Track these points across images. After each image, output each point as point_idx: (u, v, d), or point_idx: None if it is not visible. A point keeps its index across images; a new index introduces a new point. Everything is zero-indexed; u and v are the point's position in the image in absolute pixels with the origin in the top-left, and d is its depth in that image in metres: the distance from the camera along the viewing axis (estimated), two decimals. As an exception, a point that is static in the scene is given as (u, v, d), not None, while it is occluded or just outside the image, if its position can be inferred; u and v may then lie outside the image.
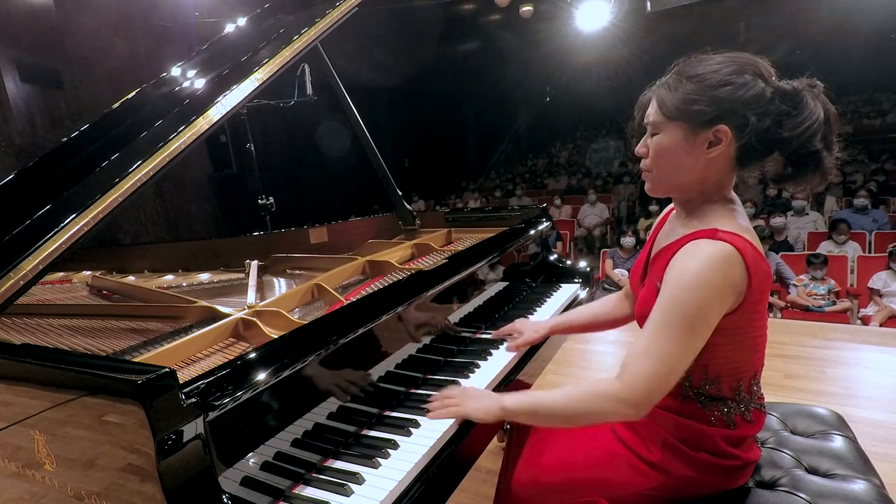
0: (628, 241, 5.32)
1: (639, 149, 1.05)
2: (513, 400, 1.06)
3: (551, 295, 1.93)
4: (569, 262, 2.19)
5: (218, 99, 1.37)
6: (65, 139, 1.28)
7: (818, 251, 4.64)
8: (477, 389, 1.19)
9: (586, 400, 0.98)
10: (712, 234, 0.92)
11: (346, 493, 0.90)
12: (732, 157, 0.96)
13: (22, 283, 1.02)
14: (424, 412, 1.13)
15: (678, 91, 0.95)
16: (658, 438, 1.06)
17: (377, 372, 1.17)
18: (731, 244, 0.90)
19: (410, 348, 1.29)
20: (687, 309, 0.90)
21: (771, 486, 1.11)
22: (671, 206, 1.14)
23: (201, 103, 1.36)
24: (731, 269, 0.89)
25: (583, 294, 1.98)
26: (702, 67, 0.95)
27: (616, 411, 0.95)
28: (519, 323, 1.51)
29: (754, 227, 1.04)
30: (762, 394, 1.09)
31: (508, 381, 1.35)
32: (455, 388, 1.19)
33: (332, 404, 1.04)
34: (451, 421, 1.09)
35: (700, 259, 0.90)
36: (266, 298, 1.46)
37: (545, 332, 1.47)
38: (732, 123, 0.92)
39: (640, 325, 1.01)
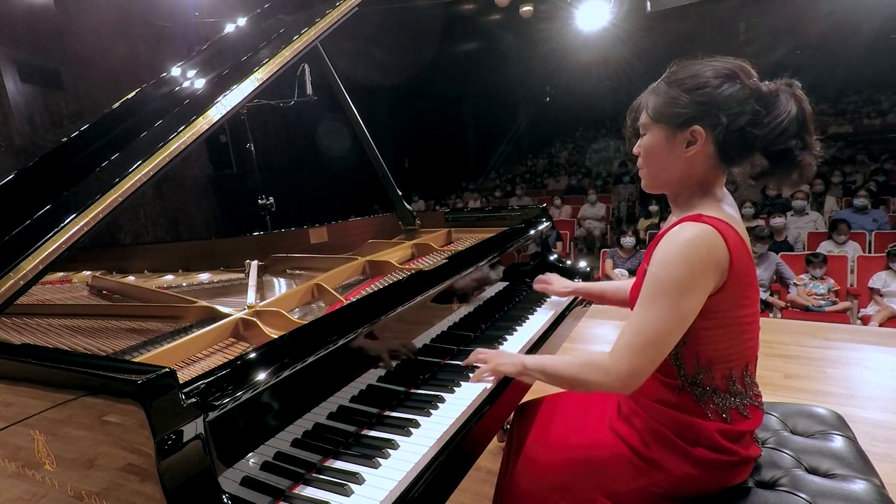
0: (628, 241, 5.32)
1: (634, 149, 1.12)
2: (531, 360, 1.19)
3: (552, 295, 1.92)
4: (569, 262, 2.19)
5: (218, 99, 1.37)
6: (65, 139, 1.28)
7: (818, 251, 4.63)
8: (502, 351, 1.42)
9: (582, 370, 1.05)
10: (696, 218, 0.98)
11: (346, 493, 0.90)
12: (713, 156, 1.01)
13: (22, 283, 1.02)
14: (424, 412, 1.13)
15: (661, 95, 1.03)
16: (655, 434, 1.08)
17: (377, 372, 1.17)
18: (711, 225, 0.95)
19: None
20: (667, 284, 0.95)
21: (771, 485, 1.11)
22: None
23: (201, 103, 1.36)
24: (711, 246, 0.95)
25: (583, 294, 1.98)
26: (683, 73, 1.02)
27: (605, 382, 1.01)
28: (550, 275, 1.74)
29: (754, 227, 1.07)
30: (759, 391, 1.10)
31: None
32: (483, 350, 1.30)
33: (332, 404, 1.04)
34: (451, 420, 1.09)
35: (682, 238, 0.96)
36: (266, 298, 1.46)
37: (571, 289, 1.68)
38: (706, 124, 0.98)
39: (632, 309, 1.06)
